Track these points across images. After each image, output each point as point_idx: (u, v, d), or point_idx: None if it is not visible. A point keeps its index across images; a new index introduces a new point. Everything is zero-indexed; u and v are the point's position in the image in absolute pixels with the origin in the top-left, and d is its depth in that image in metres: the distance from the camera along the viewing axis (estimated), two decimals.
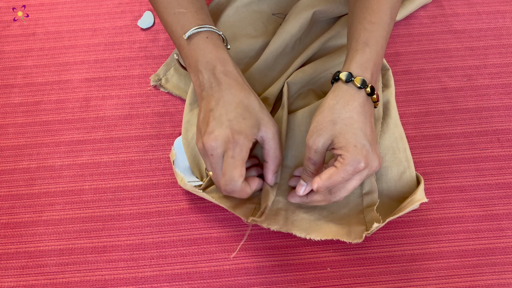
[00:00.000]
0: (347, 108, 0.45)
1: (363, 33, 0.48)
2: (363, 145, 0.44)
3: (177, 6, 0.51)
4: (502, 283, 0.49)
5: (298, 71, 0.57)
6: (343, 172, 0.44)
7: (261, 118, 0.47)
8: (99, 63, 0.66)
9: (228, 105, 0.46)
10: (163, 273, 0.50)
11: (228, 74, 0.48)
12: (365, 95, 0.45)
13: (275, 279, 0.49)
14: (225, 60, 0.49)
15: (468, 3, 0.69)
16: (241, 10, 0.63)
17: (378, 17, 0.48)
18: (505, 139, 0.57)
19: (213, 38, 0.50)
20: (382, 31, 0.48)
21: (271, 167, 0.49)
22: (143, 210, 0.54)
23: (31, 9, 0.71)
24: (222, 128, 0.45)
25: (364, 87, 0.45)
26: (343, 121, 0.44)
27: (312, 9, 0.59)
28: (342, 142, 0.44)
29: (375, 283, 0.49)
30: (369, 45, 0.47)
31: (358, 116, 0.45)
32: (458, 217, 0.52)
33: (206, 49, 0.49)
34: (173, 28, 0.52)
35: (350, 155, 0.43)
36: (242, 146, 0.45)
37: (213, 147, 0.45)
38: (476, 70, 0.63)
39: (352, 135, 0.44)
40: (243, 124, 0.46)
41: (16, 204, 0.55)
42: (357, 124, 0.44)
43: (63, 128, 0.60)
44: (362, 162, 0.43)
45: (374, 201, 0.50)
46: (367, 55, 0.46)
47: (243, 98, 0.47)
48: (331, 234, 0.49)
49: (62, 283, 0.50)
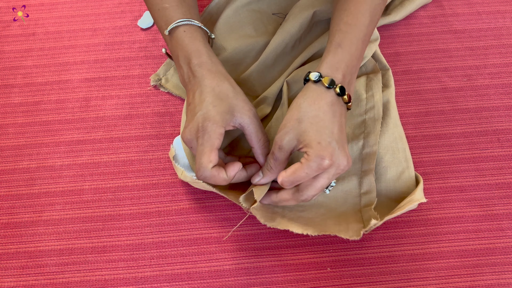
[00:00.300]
0: (313, 107, 0.45)
1: (338, 34, 0.48)
2: (328, 142, 0.44)
3: (160, 2, 0.52)
4: (502, 283, 0.49)
5: (297, 70, 0.57)
6: (307, 168, 0.44)
7: (235, 104, 0.47)
8: (99, 63, 0.66)
9: (201, 96, 0.47)
10: (163, 273, 0.50)
11: (202, 66, 0.49)
12: (334, 95, 0.46)
13: (275, 279, 0.49)
14: (200, 52, 0.50)
15: (468, 3, 0.69)
16: (241, 10, 0.63)
17: (354, 18, 0.48)
18: (505, 139, 0.57)
19: (190, 30, 0.51)
20: (359, 33, 0.48)
21: (258, 150, 0.49)
22: (143, 210, 0.54)
23: (31, 9, 0.71)
24: (194, 120, 0.47)
25: (332, 87, 0.45)
26: (309, 119, 0.45)
27: (313, 9, 0.59)
28: (307, 139, 0.44)
29: (375, 283, 0.49)
30: (342, 46, 0.47)
31: (324, 115, 0.45)
32: (458, 217, 0.52)
33: (183, 43, 0.50)
34: (158, 24, 0.53)
35: (313, 151, 0.44)
36: (210, 132, 0.46)
37: (189, 140, 0.47)
38: (476, 70, 0.63)
39: (317, 132, 0.44)
40: (213, 111, 0.46)
41: (16, 204, 0.55)
42: (322, 123, 0.45)
43: (63, 128, 0.60)
44: (326, 159, 0.44)
45: (372, 200, 0.50)
46: (339, 56, 0.47)
47: (215, 86, 0.48)
48: (328, 230, 0.49)
49: (62, 283, 0.50)
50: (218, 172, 0.46)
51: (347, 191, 0.52)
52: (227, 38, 0.61)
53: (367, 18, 0.49)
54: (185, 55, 0.50)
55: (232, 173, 0.47)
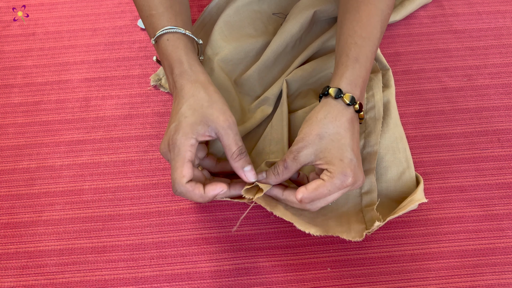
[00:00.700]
0: (334, 124, 0.45)
1: (354, 48, 0.48)
2: (350, 160, 0.44)
3: (148, 8, 0.51)
4: (503, 283, 0.49)
5: (297, 70, 0.57)
6: (330, 185, 0.43)
7: (209, 114, 0.45)
8: (99, 63, 0.66)
9: (176, 107, 0.46)
10: (163, 273, 0.50)
11: (182, 75, 0.48)
12: (353, 112, 0.46)
13: (275, 279, 0.49)
14: (180, 61, 0.48)
15: (468, 3, 0.69)
16: (242, 10, 0.63)
17: (369, 32, 0.48)
18: (505, 139, 0.57)
19: (173, 39, 0.49)
20: (372, 46, 0.48)
21: (231, 163, 0.46)
22: (143, 210, 0.54)
23: (31, 9, 0.71)
24: (167, 132, 0.46)
25: (353, 104, 0.45)
26: (330, 136, 0.45)
27: (313, 9, 0.59)
28: (328, 156, 0.44)
29: (375, 283, 0.49)
30: (359, 61, 0.47)
31: (345, 132, 0.45)
32: (458, 217, 0.52)
33: (166, 52, 0.49)
34: (148, 32, 0.52)
35: (337, 168, 0.43)
36: (179, 145, 0.44)
37: (164, 153, 0.46)
38: (476, 70, 0.63)
39: (339, 150, 0.44)
40: (183, 123, 0.45)
41: (16, 204, 0.55)
42: (344, 140, 0.44)
43: (63, 128, 0.60)
44: (350, 176, 0.43)
45: (374, 200, 0.50)
46: (357, 72, 0.47)
47: (190, 96, 0.46)
48: (330, 231, 0.48)
49: (62, 283, 0.50)
50: (193, 188, 0.44)
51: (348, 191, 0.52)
52: (228, 37, 0.61)
53: (379, 30, 0.49)
54: (168, 65, 0.49)
55: (211, 193, 0.45)
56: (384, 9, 0.50)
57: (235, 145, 0.46)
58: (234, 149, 0.46)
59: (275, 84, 0.57)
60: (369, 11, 0.49)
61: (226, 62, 0.59)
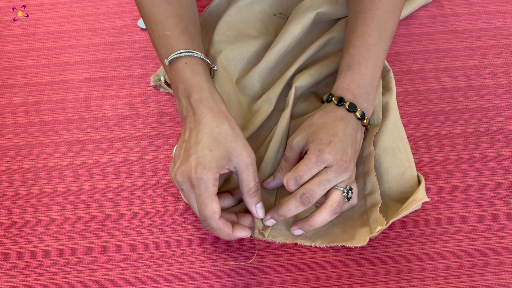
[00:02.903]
0: (324, 117, 0.50)
1: (346, 58, 0.52)
2: (330, 141, 0.47)
3: (162, 28, 0.51)
4: (503, 283, 0.49)
5: (306, 75, 0.57)
6: (307, 161, 0.46)
7: (233, 148, 0.46)
8: (99, 63, 0.66)
9: (197, 136, 0.46)
10: (163, 273, 0.50)
11: (203, 102, 0.47)
12: (344, 111, 0.49)
13: (275, 279, 0.49)
14: (201, 87, 0.48)
15: (468, 3, 0.69)
16: (244, 10, 0.63)
17: (362, 40, 0.52)
18: (505, 139, 0.57)
19: (192, 63, 0.49)
20: (366, 52, 0.51)
21: (246, 198, 0.48)
22: (143, 210, 0.54)
23: (31, 9, 0.71)
24: (187, 162, 0.45)
25: (342, 104, 0.49)
26: (318, 124, 0.49)
27: (315, 10, 0.59)
28: (312, 137, 0.48)
29: (375, 283, 0.49)
30: (351, 69, 0.51)
31: (332, 122, 0.49)
32: (459, 217, 0.52)
33: (184, 76, 0.48)
34: (159, 52, 0.51)
35: (314, 145, 0.47)
36: (206, 181, 0.44)
37: (180, 182, 0.46)
38: (476, 70, 0.63)
39: (321, 133, 0.48)
40: (209, 156, 0.45)
41: (16, 204, 0.55)
42: (329, 126, 0.48)
43: (63, 128, 0.60)
44: (326, 153, 0.46)
45: (377, 200, 0.50)
46: (348, 78, 0.51)
47: (215, 127, 0.46)
48: (336, 241, 0.49)
49: (62, 283, 0.50)
50: (224, 225, 0.46)
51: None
52: (230, 37, 0.61)
53: (375, 37, 0.51)
54: (186, 89, 0.48)
55: (238, 234, 0.47)
56: (382, 15, 0.52)
57: (253, 181, 0.47)
58: (252, 185, 0.47)
59: (276, 84, 0.57)
60: (364, 20, 0.52)
61: (228, 61, 0.59)
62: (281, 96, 0.58)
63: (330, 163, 0.46)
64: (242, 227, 0.48)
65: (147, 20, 0.52)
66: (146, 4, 0.52)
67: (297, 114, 0.58)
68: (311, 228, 0.49)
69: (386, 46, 0.53)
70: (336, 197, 0.47)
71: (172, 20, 0.50)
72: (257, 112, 0.56)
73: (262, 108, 0.56)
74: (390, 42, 0.53)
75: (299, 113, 0.58)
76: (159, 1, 0.51)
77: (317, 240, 0.50)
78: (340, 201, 0.47)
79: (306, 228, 0.49)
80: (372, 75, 0.51)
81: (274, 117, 0.58)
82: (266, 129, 0.57)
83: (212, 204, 0.44)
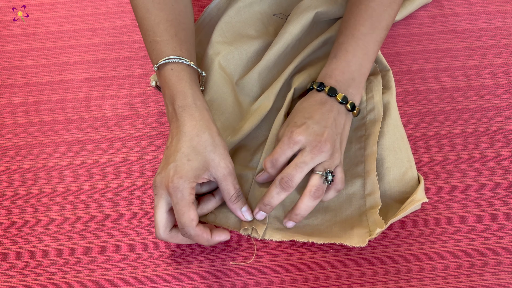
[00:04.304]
0: (303, 103, 0.51)
1: (336, 46, 0.53)
2: (303, 122, 0.48)
3: (152, 34, 0.51)
4: (502, 283, 0.49)
5: (305, 76, 0.57)
6: (280, 143, 0.48)
7: (211, 159, 0.46)
8: (99, 63, 0.66)
9: (178, 144, 0.46)
10: (163, 273, 0.50)
11: (185, 109, 0.47)
12: (324, 95, 0.50)
13: (275, 279, 0.49)
14: (185, 94, 0.48)
15: (468, 3, 0.69)
16: (243, 11, 0.63)
17: (353, 29, 0.52)
18: (505, 139, 0.57)
19: (177, 69, 0.49)
20: (356, 41, 0.52)
21: (229, 205, 0.49)
22: (143, 210, 0.54)
23: (31, 9, 0.71)
24: (166, 170, 0.45)
25: (322, 89, 0.50)
26: (296, 110, 0.51)
27: (314, 10, 0.59)
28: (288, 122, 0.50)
29: (375, 283, 0.49)
30: (337, 57, 0.52)
31: (310, 107, 0.50)
32: (458, 217, 0.52)
33: (170, 82, 0.49)
34: (150, 57, 0.52)
35: (288, 128, 0.48)
36: (182, 190, 0.44)
37: (156, 187, 0.46)
38: (476, 70, 0.63)
39: (296, 117, 0.49)
40: (186, 165, 0.45)
41: (16, 204, 0.55)
42: (306, 110, 0.49)
43: (63, 128, 0.60)
44: (297, 133, 0.47)
45: (377, 202, 0.50)
46: (332, 66, 0.52)
47: (194, 136, 0.46)
48: (334, 239, 0.49)
49: (62, 283, 0.50)
50: (202, 231, 0.46)
51: (351, 194, 0.52)
52: (229, 38, 0.61)
53: (367, 27, 0.52)
54: (170, 95, 0.48)
55: (217, 238, 0.48)
56: (376, 7, 0.52)
57: (233, 189, 0.48)
58: (233, 193, 0.48)
59: (275, 83, 0.57)
60: (358, 11, 0.53)
61: (227, 61, 0.59)
62: (280, 95, 0.58)
63: (302, 144, 0.47)
64: (220, 231, 0.48)
65: (140, 25, 0.53)
66: (140, 9, 0.52)
67: None
68: (298, 217, 0.49)
69: (379, 38, 0.52)
70: (314, 181, 0.47)
71: (163, 26, 0.51)
72: (256, 110, 0.56)
73: (261, 106, 0.56)
74: (385, 34, 0.53)
75: None
76: (152, 7, 0.51)
77: (314, 236, 0.50)
78: (320, 185, 0.47)
79: (294, 217, 0.49)
80: (361, 64, 0.51)
81: (273, 117, 0.58)
82: (265, 129, 0.57)
83: (189, 212, 0.45)
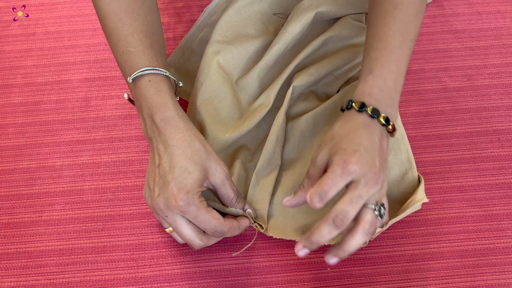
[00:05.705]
0: (345, 126, 0.45)
1: (368, 61, 0.48)
2: (355, 150, 0.42)
3: (125, 44, 0.49)
4: (503, 283, 0.49)
5: (304, 74, 0.57)
6: (331, 173, 0.42)
7: (208, 166, 0.46)
8: (99, 63, 0.66)
9: (172, 160, 0.45)
10: (163, 273, 0.50)
11: (169, 122, 0.46)
12: (367, 117, 0.45)
13: (275, 279, 0.49)
14: (166, 105, 0.47)
15: (468, 3, 0.69)
16: (243, 10, 0.63)
17: (384, 42, 0.48)
18: (505, 139, 0.57)
19: (156, 81, 0.47)
20: (389, 55, 0.48)
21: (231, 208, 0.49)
22: (143, 210, 0.54)
23: (31, 9, 0.71)
24: (168, 189, 0.44)
25: (364, 110, 0.45)
26: (340, 134, 0.45)
27: (315, 10, 0.59)
28: (335, 149, 0.44)
29: (375, 283, 0.49)
30: (373, 73, 0.47)
31: (355, 131, 0.44)
32: (458, 217, 0.52)
33: (147, 94, 0.47)
34: (122, 69, 0.50)
35: (338, 156, 0.42)
36: (194, 203, 0.44)
37: (163, 210, 0.45)
38: (476, 70, 0.63)
39: (344, 143, 0.44)
40: (189, 179, 0.44)
41: (16, 204, 0.55)
42: (352, 135, 0.44)
43: (63, 128, 0.60)
44: (353, 164, 0.41)
45: None
46: (369, 82, 0.47)
47: (186, 147, 0.46)
48: (333, 240, 0.49)
49: (62, 283, 0.50)
50: (231, 223, 0.47)
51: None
52: (229, 37, 0.61)
53: (397, 39, 0.48)
54: (149, 107, 0.47)
55: (245, 224, 0.49)
56: (404, 17, 0.49)
57: (233, 192, 0.48)
58: (232, 196, 0.48)
59: (275, 82, 0.57)
60: (386, 23, 0.49)
61: (227, 61, 0.59)
62: (280, 95, 0.58)
63: (357, 175, 0.42)
64: (241, 217, 0.50)
65: (110, 35, 0.50)
66: (111, 18, 0.49)
67: (296, 113, 0.58)
68: (346, 254, 0.43)
69: (409, 50, 0.50)
70: (367, 216, 0.42)
71: (137, 36, 0.49)
72: (256, 110, 0.56)
73: (261, 105, 0.56)
74: (413, 46, 0.50)
75: (298, 113, 0.58)
76: (124, 17, 0.49)
77: None
78: (373, 221, 0.42)
79: (341, 254, 0.43)
80: (396, 80, 0.48)
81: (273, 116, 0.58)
82: (265, 128, 0.57)
83: (212, 215, 0.45)
